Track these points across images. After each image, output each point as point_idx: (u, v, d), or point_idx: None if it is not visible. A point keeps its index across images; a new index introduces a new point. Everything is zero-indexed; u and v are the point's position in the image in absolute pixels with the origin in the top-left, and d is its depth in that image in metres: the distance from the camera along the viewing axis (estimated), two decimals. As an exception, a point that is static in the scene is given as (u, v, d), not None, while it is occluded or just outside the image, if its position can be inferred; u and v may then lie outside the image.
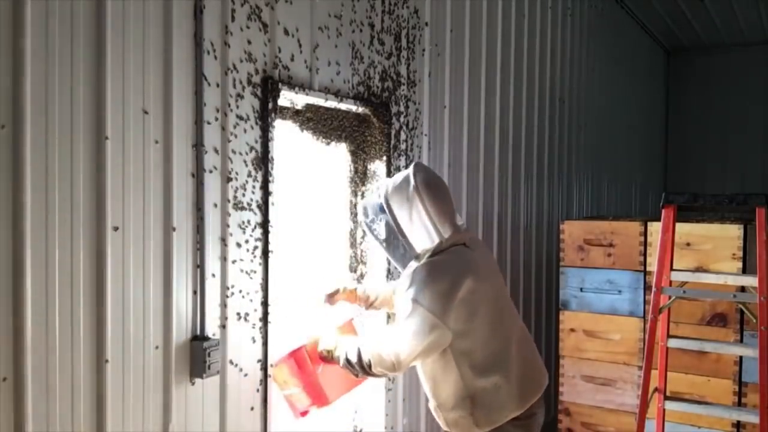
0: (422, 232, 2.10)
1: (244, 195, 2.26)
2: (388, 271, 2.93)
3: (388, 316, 2.87)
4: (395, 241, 2.13)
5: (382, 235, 2.17)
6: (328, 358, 2.22)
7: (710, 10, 6.62)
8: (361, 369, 2.09)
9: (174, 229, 2.02)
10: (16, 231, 1.63)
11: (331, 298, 2.50)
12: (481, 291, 2.08)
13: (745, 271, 3.20)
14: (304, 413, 2.28)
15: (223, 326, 2.20)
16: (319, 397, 2.23)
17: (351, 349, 2.13)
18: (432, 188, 2.13)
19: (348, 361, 2.13)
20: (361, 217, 2.24)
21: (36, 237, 1.66)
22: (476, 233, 2.33)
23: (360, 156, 2.91)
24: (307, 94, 2.51)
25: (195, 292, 2.10)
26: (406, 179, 2.13)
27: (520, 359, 2.16)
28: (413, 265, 2.12)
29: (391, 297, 2.45)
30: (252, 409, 2.32)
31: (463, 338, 2.05)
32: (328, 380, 2.24)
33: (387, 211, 2.13)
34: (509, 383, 2.10)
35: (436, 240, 2.10)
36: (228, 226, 2.20)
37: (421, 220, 2.09)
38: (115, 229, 1.85)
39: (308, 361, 2.22)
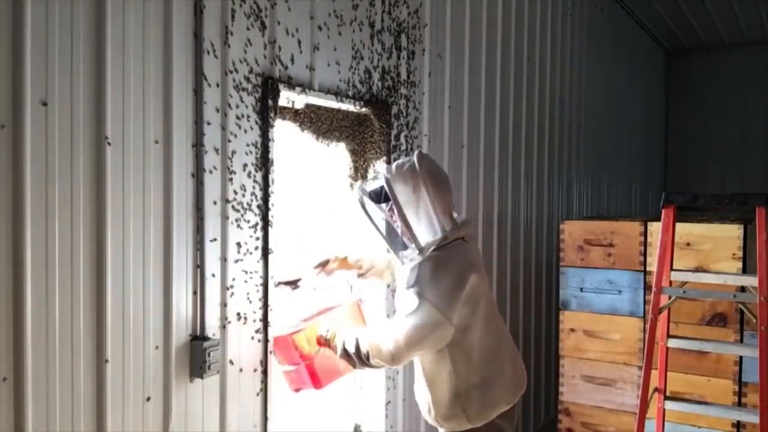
0: (427, 225, 2.03)
1: (244, 195, 2.26)
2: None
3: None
4: (396, 231, 2.06)
5: (382, 223, 2.10)
6: (326, 344, 2.20)
7: (710, 10, 6.61)
8: (359, 359, 2.07)
9: (174, 230, 2.02)
10: (16, 231, 1.63)
11: (324, 267, 2.46)
12: (481, 286, 2.07)
13: (745, 271, 3.20)
14: (297, 389, 2.33)
15: (223, 326, 2.20)
16: (311, 381, 2.25)
17: (349, 339, 2.11)
18: (438, 179, 2.05)
19: (345, 351, 2.11)
20: (359, 203, 2.12)
21: (36, 237, 1.66)
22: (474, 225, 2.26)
23: (360, 156, 2.91)
24: (307, 95, 2.51)
25: (195, 292, 2.10)
26: (412, 168, 2.03)
27: (510, 353, 2.18)
28: (416, 258, 2.04)
29: (385, 269, 2.43)
30: (252, 408, 2.32)
31: (462, 334, 2.03)
32: (323, 365, 2.25)
33: (392, 200, 2.04)
34: (503, 377, 2.09)
35: (440, 234, 2.03)
36: (228, 225, 2.20)
37: (428, 212, 2.02)
38: (115, 228, 1.84)
39: (304, 345, 2.23)
